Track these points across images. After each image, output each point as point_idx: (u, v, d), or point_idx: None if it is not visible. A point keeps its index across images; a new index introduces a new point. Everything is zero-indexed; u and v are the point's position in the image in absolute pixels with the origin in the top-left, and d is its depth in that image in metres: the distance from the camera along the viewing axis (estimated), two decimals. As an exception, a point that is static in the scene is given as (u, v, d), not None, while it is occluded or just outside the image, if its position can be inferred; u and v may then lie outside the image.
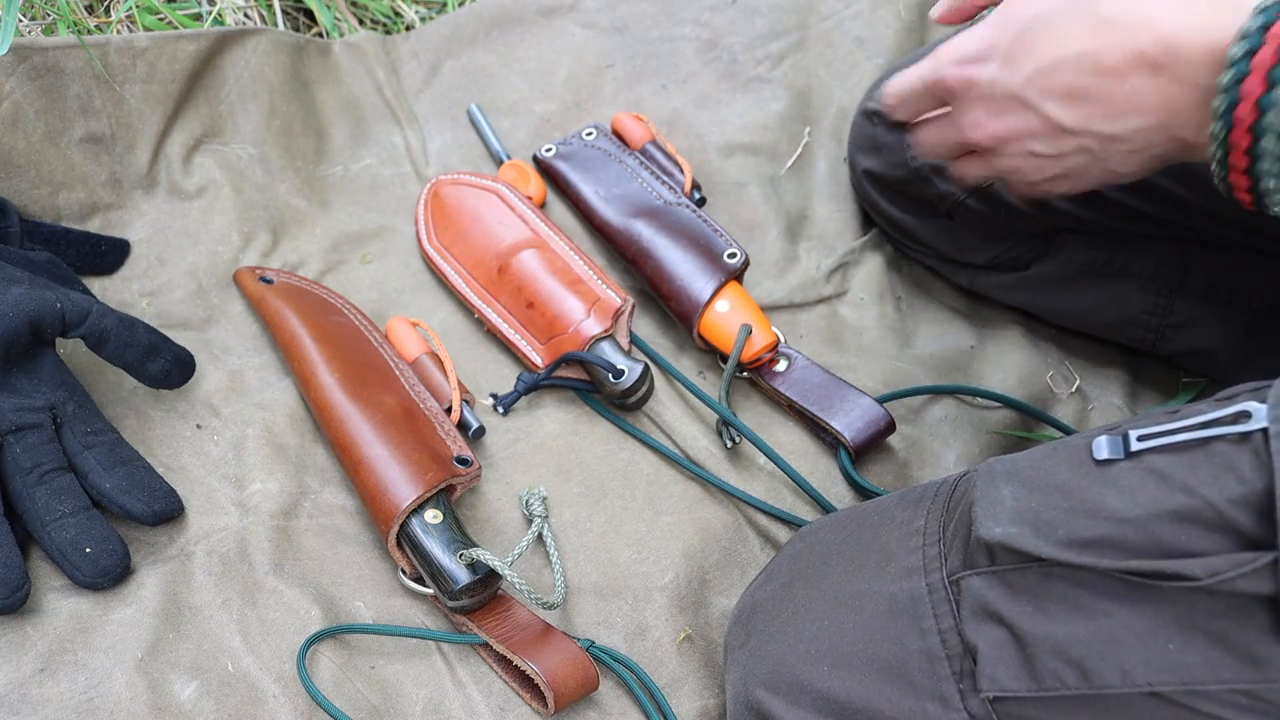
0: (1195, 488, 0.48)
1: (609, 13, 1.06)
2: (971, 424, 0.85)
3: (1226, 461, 0.48)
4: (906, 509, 0.63)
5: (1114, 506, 0.50)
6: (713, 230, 0.88)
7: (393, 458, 0.72)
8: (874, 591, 0.60)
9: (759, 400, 0.86)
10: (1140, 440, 0.51)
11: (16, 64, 0.82)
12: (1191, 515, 0.48)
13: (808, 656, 0.60)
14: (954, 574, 0.56)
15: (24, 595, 0.66)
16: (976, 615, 0.54)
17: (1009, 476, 0.55)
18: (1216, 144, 0.56)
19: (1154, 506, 0.49)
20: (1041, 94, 0.63)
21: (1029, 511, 0.52)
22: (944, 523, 0.59)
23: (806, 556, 0.67)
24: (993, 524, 0.53)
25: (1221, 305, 0.85)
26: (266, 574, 0.71)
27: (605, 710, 0.70)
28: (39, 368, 0.72)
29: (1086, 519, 0.50)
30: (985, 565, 0.54)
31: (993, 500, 0.54)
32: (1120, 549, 0.49)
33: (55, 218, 0.85)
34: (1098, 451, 0.52)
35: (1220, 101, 0.54)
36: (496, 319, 0.86)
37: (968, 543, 0.56)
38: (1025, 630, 0.52)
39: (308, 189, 0.93)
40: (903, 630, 0.57)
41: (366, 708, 0.67)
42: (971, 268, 0.91)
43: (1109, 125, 0.61)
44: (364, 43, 1.00)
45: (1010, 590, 0.53)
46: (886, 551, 0.61)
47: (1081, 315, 0.89)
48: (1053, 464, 0.53)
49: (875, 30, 1.06)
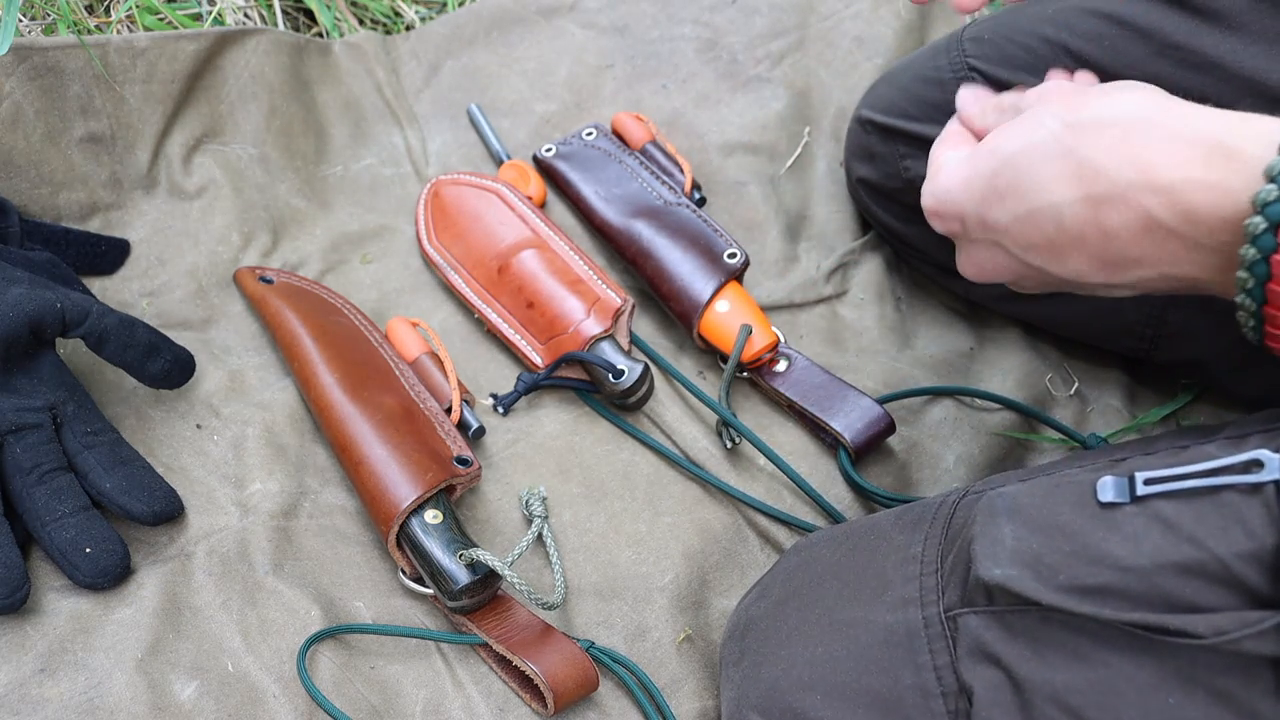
0: (1202, 540, 0.46)
1: (609, 13, 1.06)
2: (971, 425, 0.85)
3: (1236, 513, 0.46)
4: (904, 531, 0.61)
5: (1117, 554, 0.48)
6: (713, 230, 0.88)
7: (393, 458, 0.72)
8: (869, 620, 0.58)
9: (759, 400, 0.86)
10: (1147, 484, 0.49)
11: (16, 64, 0.82)
12: (1197, 568, 0.46)
13: (800, 684, 0.59)
14: (951, 609, 0.55)
15: (24, 595, 0.66)
16: (973, 655, 0.53)
17: (1010, 514, 0.53)
18: (1247, 314, 0.50)
19: (1159, 557, 0.47)
20: (1024, 249, 0.57)
21: (1029, 553, 0.51)
22: (942, 552, 0.58)
23: (801, 574, 0.66)
24: (992, 564, 0.52)
25: (1215, 316, 0.85)
26: (266, 574, 0.71)
27: (605, 711, 0.70)
28: (39, 368, 0.72)
29: (1089, 565, 0.49)
30: (983, 604, 0.53)
31: (992, 539, 0.53)
32: (1123, 599, 0.48)
33: (55, 218, 0.85)
34: (1103, 493, 0.50)
35: (1246, 276, 0.48)
36: (496, 319, 0.86)
37: (966, 579, 0.54)
38: (1022, 675, 0.51)
39: (308, 189, 0.93)
40: (897, 663, 0.56)
41: (366, 708, 0.67)
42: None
43: (1105, 277, 0.55)
44: (364, 43, 1.00)
45: (1008, 632, 0.52)
46: (883, 577, 0.60)
47: (1076, 325, 0.89)
48: (1055, 503, 0.52)
49: (875, 30, 1.06)
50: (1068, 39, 0.77)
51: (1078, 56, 0.76)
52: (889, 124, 0.88)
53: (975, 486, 0.60)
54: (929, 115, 0.85)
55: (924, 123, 0.85)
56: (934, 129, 0.84)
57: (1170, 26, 0.72)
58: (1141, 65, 0.73)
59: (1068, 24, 0.77)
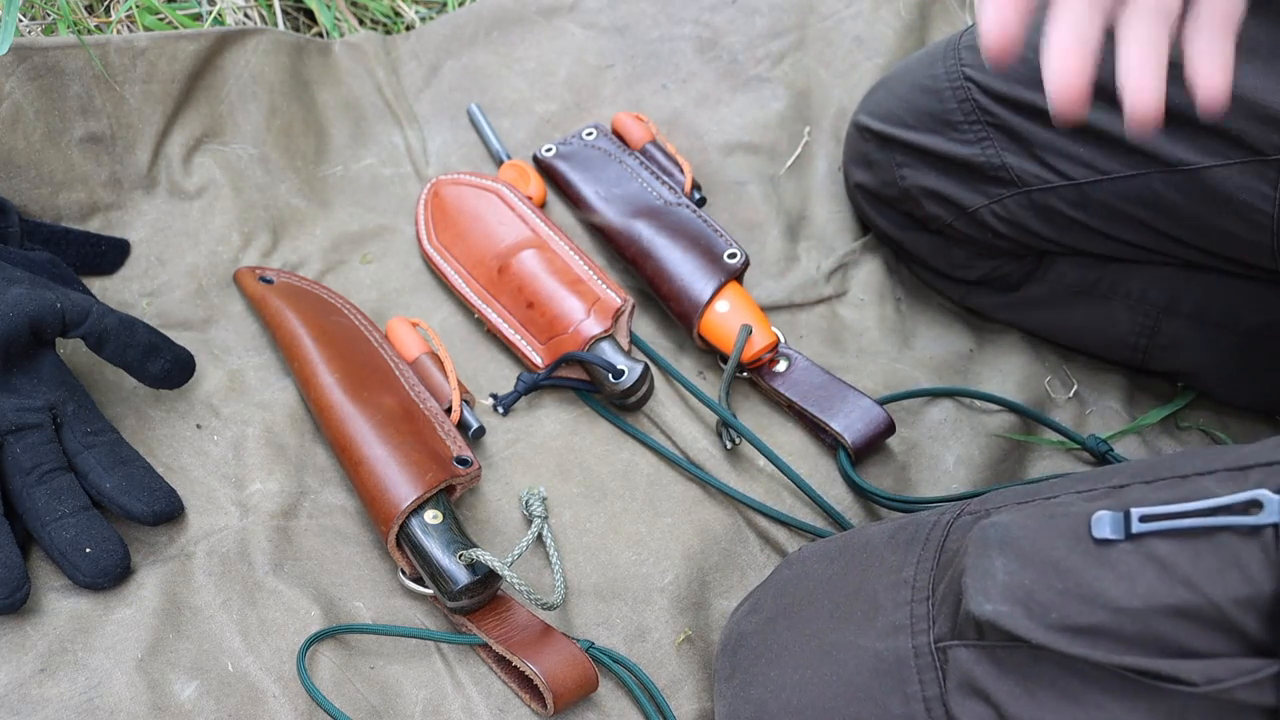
0: (1198, 583, 0.45)
1: (609, 13, 1.06)
2: (971, 426, 0.85)
3: (1233, 556, 0.45)
4: (896, 552, 0.60)
5: (1111, 594, 0.47)
6: (713, 230, 0.88)
7: (392, 458, 0.72)
8: (858, 645, 0.58)
9: (759, 401, 0.86)
10: (1143, 521, 0.48)
11: (16, 64, 0.82)
12: (1193, 612, 0.45)
13: (788, 708, 0.59)
14: (941, 640, 0.54)
15: (24, 595, 0.66)
16: (962, 689, 0.52)
17: (1002, 547, 0.52)
18: None
19: (1153, 599, 0.46)
20: None
21: (1021, 589, 0.50)
22: (934, 578, 0.57)
23: (793, 590, 0.65)
24: (983, 599, 0.51)
25: (1210, 326, 0.85)
26: (266, 574, 0.71)
27: (604, 711, 0.70)
28: (39, 368, 0.72)
29: (1081, 604, 0.48)
30: (974, 638, 0.52)
31: (984, 572, 0.51)
32: (1115, 640, 0.47)
33: (55, 218, 0.85)
34: (1098, 530, 0.49)
35: None
36: (496, 319, 0.86)
37: (957, 610, 0.53)
38: (1012, 713, 0.50)
39: (308, 189, 0.93)
40: (886, 692, 0.55)
41: (366, 708, 0.67)
42: (964, 284, 0.92)
43: None
44: (364, 43, 1.00)
45: (999, 668, 0.51)
46: (873, 601, 0.59)
47: (1071, 334, 0.90)
48: (1049, 537, 0.51)
49: (875, 30, 1.06)
50: None
51: None
52: (886, 132, 0.88)
53: (970, 505, 0.59)
54: (925, 125, 0.85)
55: (920, 132, 0.85)
56: (930, 138, 0.84)
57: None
58: None
59: None
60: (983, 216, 0.83)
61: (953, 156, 0.83)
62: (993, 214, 0.83)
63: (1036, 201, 0.81)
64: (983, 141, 0.82)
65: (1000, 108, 0.80)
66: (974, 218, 0.84)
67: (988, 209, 0.83)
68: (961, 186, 0.84)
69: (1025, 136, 0.80)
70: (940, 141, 0.84)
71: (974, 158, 0.82)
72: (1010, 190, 0.82)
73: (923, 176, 0.86)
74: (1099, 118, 0.75)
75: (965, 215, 0.84)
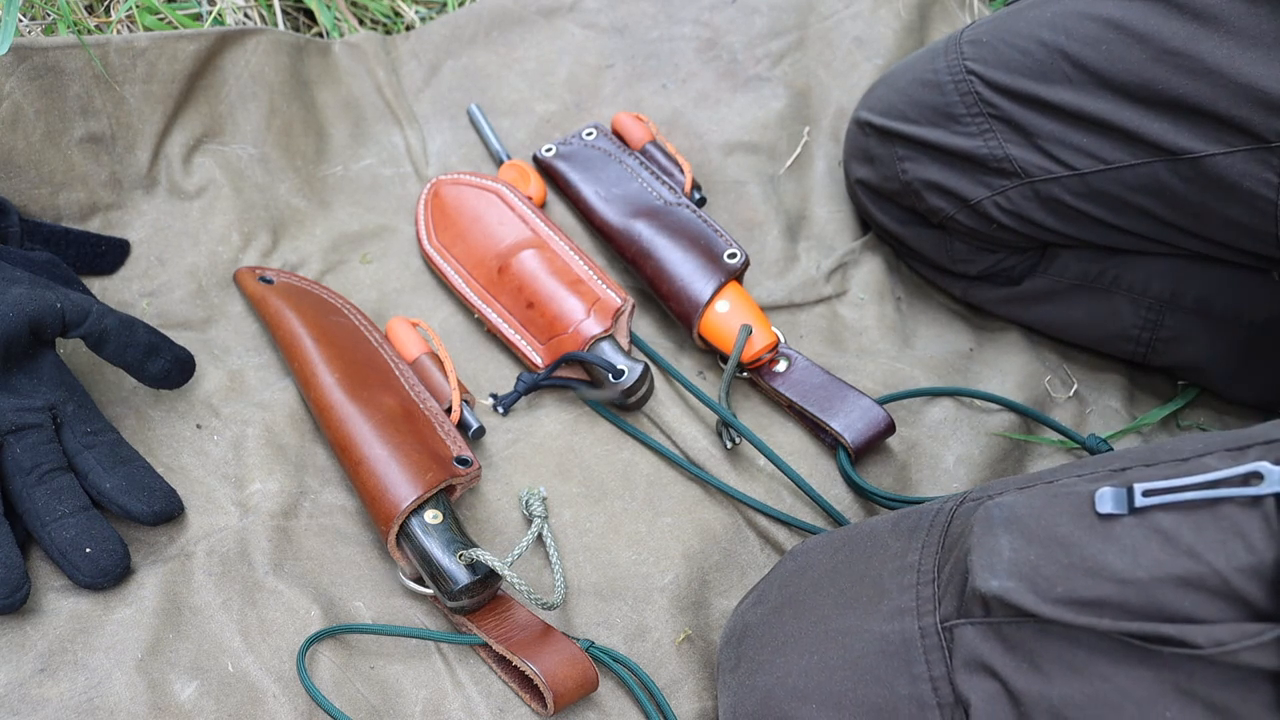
0: (1201, 553, 0.46)
1: (609, 13, 1.06)
2: (971, 426, 0.85)
3: (1235, 526, 0.46)
4: (901, 538, 0.61)
5: (1115, 567, 0.48)
6: (713, 230, 0.88)
7: (392, 458, 0.72)
8: (865, 629, 0.58)
9: (759, 401, 0.86)
10: (1146, 495, 0.49)
11: (16, 64, 0.82)
12: (1196, 581, 0.46)
13: (795, 693, 0.59)
14: (947, 620, 0.55)
15: (24, 595, 0.66)
16: (969, 667, 0.53)
17: (1007, 525, 0.53)
18: None
19: (1157, 570, 0.47)
20: None
21: (1027, 565, 0.51)
22: (939, 561, 0.57)
23: (797, 581, 0.66)
24: (989, 576, 0.52)
25: (1213, 320, 0.85)
26: (266, 574, 0.71)
27: (605, 711, 0.70)
28: (39, 368, 0.72)
29: (1086, 577, 0.49)
30: (980, 615, 0.53)
31: (989, 550, 0.52)
32: (1121, 611, 0.48)
33: (55, 218, 0.85)
34: (1101, 505, 0.50)
35: None
36: (496, 319, 0.86)
37: (963, 590, 0.54)
38: (1019, 687, 0.51)
39: (308, 189, 0.93)
40: (893, 674, 0.56)
41: (366, 708, 0.67)
42: (965, 279, 0.92)
43: None
44: (364, 43, 1.00)
45: (1005, 644, 0.52)
46: (879, 585, 0.59)
47: (1073, 329, 0.90)
48: (1053, 514, 0.52)
49: (875, 30, 1.06)
50: (1065, 43, 0.77)
51: (1075, 61, 0.76)
52: (887, 126, 0.88)
53: (973, 493, 0.60)
54: (927, 118, 0.85)
55: (922, 125, 0.85)
56: (932, 132, 0.85)
57: (1168, 31, 0.72)
58: (1139, 70, 0.73)
59: (1066, 28, 0.77)
60: (986, 208, 0.84)
61: (955, 149, 0.83)
62: (996, 206, 0.83)
63: (1040, 192, 0.81)
64: (985, 134, 0.82)
65: (1003, 100, 0.80)
66: (977, 210, 0.84)
67: (991, 201, 0.83)
68: (964, 179, 0.84)
69: (1028, 128, 0.80)
70: (942, 135, 0.84)
71: (977, 150, 0.82)
72: (1014, 181, 0.82)
73: (924, 170, 0.86)
74: (1102, 107, 0.75)
75: (968, 208, 0.85)
